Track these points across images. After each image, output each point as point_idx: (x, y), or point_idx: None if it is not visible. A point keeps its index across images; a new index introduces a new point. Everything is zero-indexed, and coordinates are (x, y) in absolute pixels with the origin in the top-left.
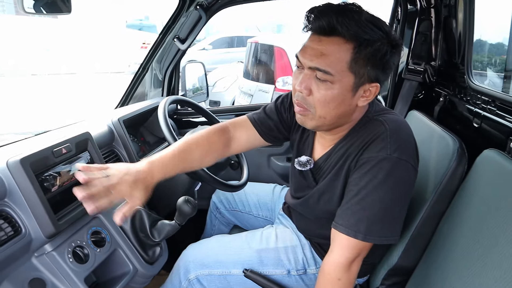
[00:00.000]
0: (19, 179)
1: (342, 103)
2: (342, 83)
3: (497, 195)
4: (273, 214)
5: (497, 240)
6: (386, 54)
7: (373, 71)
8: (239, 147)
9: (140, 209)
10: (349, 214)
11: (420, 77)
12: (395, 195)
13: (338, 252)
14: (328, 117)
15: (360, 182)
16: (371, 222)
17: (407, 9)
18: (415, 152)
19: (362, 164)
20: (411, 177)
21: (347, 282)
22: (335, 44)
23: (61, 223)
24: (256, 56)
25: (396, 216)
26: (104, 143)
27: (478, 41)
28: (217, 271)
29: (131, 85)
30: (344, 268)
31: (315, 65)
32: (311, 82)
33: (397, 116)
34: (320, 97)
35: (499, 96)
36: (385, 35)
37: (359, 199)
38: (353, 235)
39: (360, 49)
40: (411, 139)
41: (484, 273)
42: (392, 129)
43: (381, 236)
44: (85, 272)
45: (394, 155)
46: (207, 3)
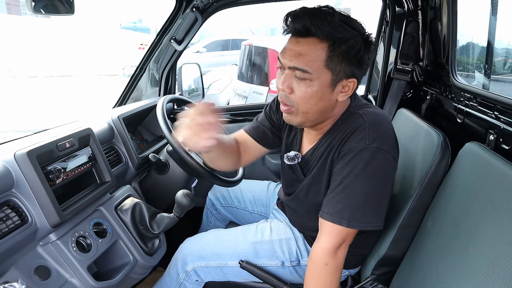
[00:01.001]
0: (26, 171)
1: (322, 98)
2: (320, 80)
3: (477, 184)
4: (267, 210)
5: (477, 225)
6: (360, 51)
7: (348, 67)
8: (244, 159)
9: (140, 202)
10: (333, 203)
11: (408, 76)
12: (375, 182)
13: (324, 239)
14: (310, 112)
15: (343, 171)
16: (354, 209)
17: (395, 11)
18: (394, 143)
19: (344, 155)
20: (390, 166)
21: (334, 267)
22: (310, 44)
23: (66, 213)
24: (250, 58)
25: (378, 203)
26: (104, 139)
27: (462, 42)
28: (214, 263)
29: (129, 85)
30: (331, 254)
31: (294, 65)
32: (292, 81)
33: (376, 110)
34: (301, 94)
35: (480, 92)
36: (357, 33)
37: (342, 188)
38: (337, 222)
39: (334, 47)
40: (390, 131)
41: (465, 256)
42: (370, 121)
43: (364, 222)
44: (88, 260)
45: (373, 145)
46: (202, 5)
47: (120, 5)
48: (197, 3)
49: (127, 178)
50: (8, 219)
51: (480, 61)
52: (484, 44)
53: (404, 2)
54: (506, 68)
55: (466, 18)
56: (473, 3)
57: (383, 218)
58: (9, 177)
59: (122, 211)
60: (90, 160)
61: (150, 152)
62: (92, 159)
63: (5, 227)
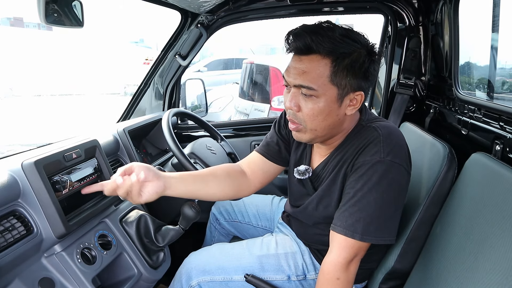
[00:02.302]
0: (33, 180)
1: (330, 114)
2: (326, 96)
3: (485, 193)
4: (272, 224)
5: (487, 235)
6: (364, 63)
7: (354, 80)
8: (259, 181)
9: (145, 214)
10: (346, 216)
11: (411, 90)
12: (389, 196)
13: (337, 252)
14: (319, 129)
15: (356, 185)
16: (367, 223)
17: (397, 26)
18: (407, 156)
19: (358, 168)
20: (404, 179)
21: (346, 282)
22: (313, 61)
23: (71, 224)
24: (251, 76)
25: (391, 216)
26: (110, 151)
27: (463, 58)
28: (218, 278)
29: (134, 99)
30: (343, 268)
31: (299, 83)
32: (298, 99)
33: (389, 123)
34: (308, 112)
35: (484, 104)
36: (360, 45)
37: (356, 201)
38: (350, 235)
39: (338, 62)
40: (403, 143)
41: (476, 267)
42: (385, 134)
43: (377, 236)
44: (92, 273)
45: (387, 158)
46: (207, 21)
47: (122, 24)
48: (202, 19)
49: None
50: (14, 229)
51: (483, 78)
52: (487, 59)
53: (406, 18)
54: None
55: (467, 34)
56: (475, 19)
57: (396, 232)
58: (16, 186)
59: (127, 223)
60: (96, 172)
61: (155, 165)
62: (97, 170)
63: (11, 237)
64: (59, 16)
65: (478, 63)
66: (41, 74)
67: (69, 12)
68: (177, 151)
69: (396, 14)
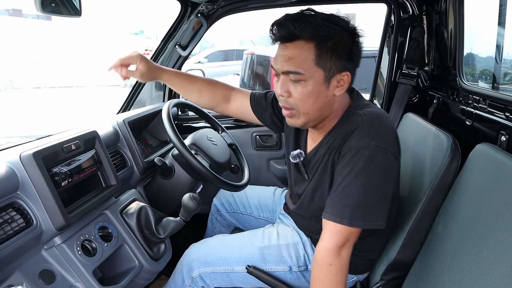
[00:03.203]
0: (32, 172)
1: (319, 96)
2: (313, 79)
3: (490, 185)
4: (274, 215)
5: (491, 227)
6: (347, 44)
7: (339, 62)
8: (231, 109)
9: (146, 206)
10: (335, 202)
11: (413, 81)
12: (376, 181)
13: (328, 239)
14: (311, 111)
15: (343, 171)
16: (356, 208)
17: (400, 16)
18: (395, 141)
19: (344, 154)
20: (391, 164)
21: (339, 267)
22: (298, 47)
23: (71, 216)
24: (252, 67)
25: (379, 201)
26: (109, 143)
27: (468, 48)
28: (220, 269)
29: (133, 90)
30: (334, 253)
31: (286, 69)
32: (288, 85)
33: (376, 109)
34: (298, 96)
35: (489, 94)
36: (341, 28)
37: (343, 187)
38: (339, 221)
39: (321, 45)
40: (390, 129)
41: (480, 258)
42: (369, 120)
43: (366, 221)
44: (93, 265)
45: (372, 144)
46: (207, 11)
47: (122, 14)
48: (202, 9)
49: (132, 182)
50: (13, 221)
51: (486, 69)
52: (492, 49)
53: (409, 7)
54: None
55: (472, 23)
56: (480, 6)
57: (386, 217)
58: (15, 178)
59: (127, 215)
60: (96, 163)
61: (155, 157)
62: (97, 162)
63: (10, 229)
64: (57, 5)
65: (483, 54)
66: (41, 66)
67: (67, 1)
68: (178, 142)
69: (399, 3)
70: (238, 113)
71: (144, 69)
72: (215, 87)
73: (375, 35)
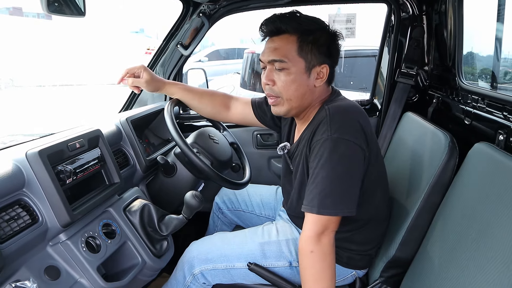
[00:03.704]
0: (37, 170)
1: (301, 84)
2: (296, 68)
3: (488, 183)
4: (275, 213)
5: (489, 224)
6: (326, 41)
7: (319, 55)
8: (232, 116)
9: (148, 203)
10: (307, 194)
11: (412, 80)
12: (341, 170)
13: (306, 228)
14: (294, 98)
15: (313, 164)
16: (322, 197)
17: (400, 16)
18: (360, 133)
19: (313, 149)
20: (355, 154)
21: (320, 254)
22: (283, 39)
23: (76, 213)
24: (253, 66)
25: (346, 190)
26: (113, 141)
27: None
28: (221, 265)
29: None
30: (314, 241)
31: (272, 58)
32: (272, 74)
33: (343, 102)
34: (282, 84)
35: (488, 94)
36: (321, 27)
37: (313, 179)
38: (309, 210)
39: (303, 38)
40: (354, 121)
41: (478, 255)
42: (332, 114)
43: (334, 208)
44: (97, 261)
45: (334, 135)
46: (209, 10)
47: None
48: (204, 8)
49: (134, 180)
50: (19, 218)
51: (486, 68)
52: (491, 49)
53: (409, 7)
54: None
55: (471, 23)
56: (480, 7)
57: (355, 205)
58: (20, 176)
59: (130, 212)
60: (99, 161)
61: (158, 155)
62: (101, 160)
63: (16, 226)
64: (60, 5)
65: (482, 53)
66: (42, 64)
67: (71, 2)
68: (180, 140)
69: (399, 3)
70: (240, 119)
71: (149, 77)
72: (214, 96)
73: (376, 34)
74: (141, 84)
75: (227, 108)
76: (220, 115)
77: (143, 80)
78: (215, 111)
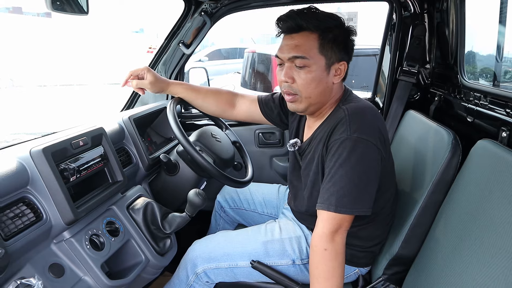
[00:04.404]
0: (41, 167)
1: (321, 81)
2: (317, 65)
3: (491, 180)
4: (277, 211)
5: (493, 220)
6: (344, 38)
7: (338, 52)
8: (238, 114)
9: (152, 201)
10: (323, 192)
11: (413, 78)
12: (359, 169)
13: (320, 225)
14: (313, 96)
15: (330, 163)
16: (340, 195)
17: (402, 14)
18: (378, 134)
19: (330, 148)
20: (373, 154)
21: (333, 252)
22: (304, 37)
23: (80, 211)
24: (253, 65)
25: (364, 189)
26: (115, 140)
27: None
28: (224, 264)
29: None
30: (328, 239)
31: (293, 55)
32: (292, 71)
33: (361, 103)
34: (302, 81)
35: (490, 91)
36: (339, 23)
37: (330, 177)
38: (326, 208)
39: (324, 36)
40: (372, 122)
41: (481, 251)
42: (351, 114)
43: (352, 207)
44: (101, 259)
45: (354, 135)
46: (211, 9)
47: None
48: (205, 7)
49: (137, 179)
50: (24, 216)
51: (487, 68)
52: (493, 47)
53: (411, 5)
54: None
55: (473, 21)
56: (481, 5)
57: (371, 205)
58: (25, 174)
59: (134, 210)
60: (103, 159)
61: (160, 154)
62: (104, 158)
63: (21, 223)
64: (63, 3)
65: (484, 51)
66: (42, 64)
67: (73, 0)
68: (182, 138)
69: (401, 2)
70: (245, 117)
71: (153, 79)
72: (218, 94)
73: (377, 33)
74: (145, 85)
75: (232, 106)
76: (225, 113)
77: (147, 81)
78: (220, 110)
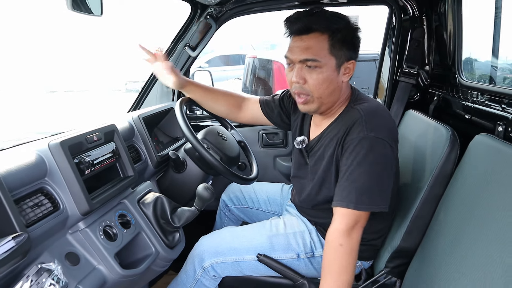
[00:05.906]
0: (59, 160)
1: (332, 82)
2: (328, 66)
3: (489, 172)
4: (282, 209)
5: (490, 208)
6: (352, 37)
7: (347, 51)
8: (244, 116)
9: (161, 196)
10: (341, 190)
11: (413, 79)
12: (377, 168)
13: (337, 221)
14: (324, 96)
15: (347, 161)
16: (360, 193)
17: (401, 17)
18: (392, 134)
19: (347, 147)
20: (389, 153)
21: (349, 248)
22: (314, 38)
23: (95, 202)
24: (254, 71)
25: (382, 186)
26: (125, 137)
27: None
28: (231, 258)
29: (144, 90)
30: (344, 234)
31: (304, 57)
32: (303, 72)
33: (373, 104)
34: (314, 82)
35: (487, 88)
36: (346, 23)
37: (348, 175)
38: (345, 205)
39: (333, 36)
40: (386, 122)
41: (479, 245)
42: (366, 115)
43: (370, 204)
44: (114, 249)
45: (371, 135)
46: (216, 13)
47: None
48: (211, 11)
49: (146, 176)
50: (42, 205)
51: (484, 74)
52: (489, 48)
53: (410, 9)
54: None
55: (470, 24)
56: (477, 8)
57: (388, 202)
58: (43, 165)
59: (144, 204)
60: (114, 155)
61: (168, 152)
62: (116, 153)
63: (40, 212)
64: (80, 5)
65: (480, 52)
66: (43, 71)
67: (91, 2)
68: (191, 135)
69: (400, 6)
70: (249, 119)
71: (177, 71)
72: (228, 96)
73: (376, 38)
74: (176, 73)
75: (239, 108)
76: (232, 115)
77: (177, 72)
78: (227, 111)
